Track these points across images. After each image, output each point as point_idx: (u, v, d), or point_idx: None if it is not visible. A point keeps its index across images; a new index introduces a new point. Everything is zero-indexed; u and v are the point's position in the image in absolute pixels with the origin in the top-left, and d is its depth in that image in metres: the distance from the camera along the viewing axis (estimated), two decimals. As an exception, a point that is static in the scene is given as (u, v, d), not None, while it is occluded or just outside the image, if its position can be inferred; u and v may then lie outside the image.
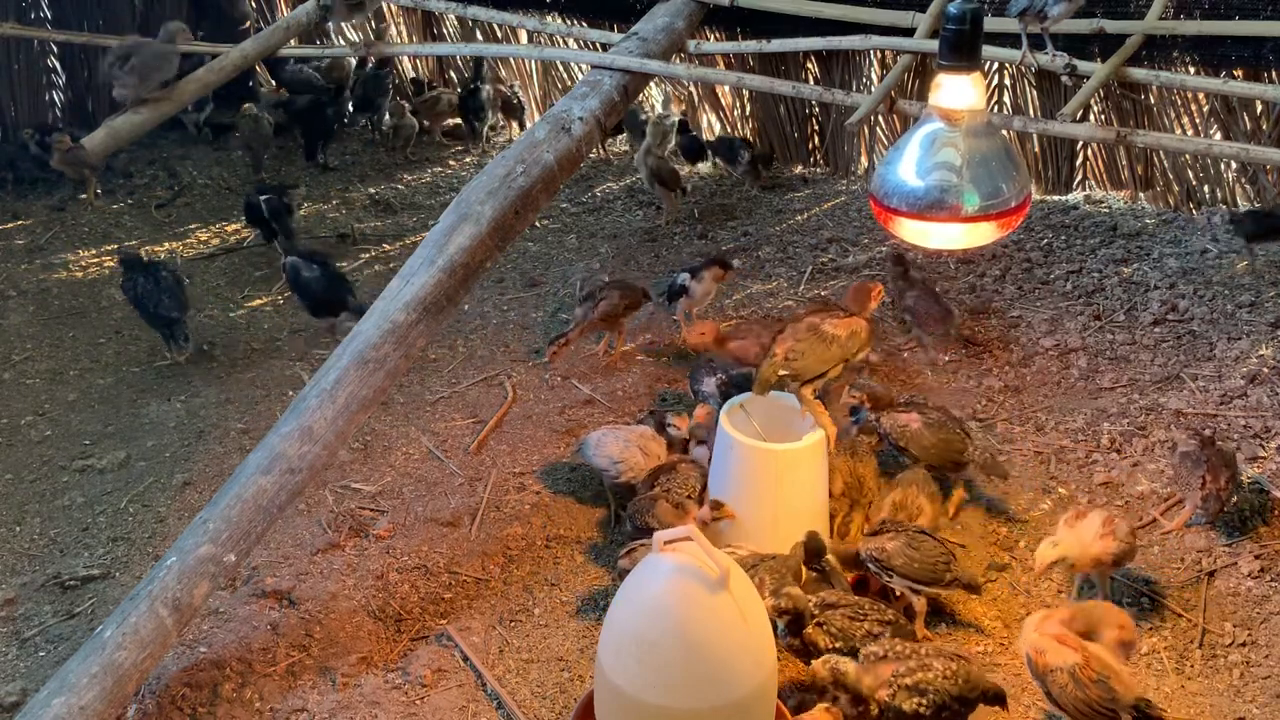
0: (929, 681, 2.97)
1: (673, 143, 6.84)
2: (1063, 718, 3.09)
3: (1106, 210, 6.24)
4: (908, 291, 5.01)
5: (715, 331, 4.54)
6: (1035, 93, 6.15)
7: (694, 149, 6.95)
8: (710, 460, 3.93)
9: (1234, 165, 5.96)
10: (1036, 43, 4.31)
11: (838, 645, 3.17)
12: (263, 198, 5.98)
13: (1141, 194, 6.29)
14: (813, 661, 3.10)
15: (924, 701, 2.95)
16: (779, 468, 3.71)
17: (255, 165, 7.07)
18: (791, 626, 3.19)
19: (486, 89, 7.41)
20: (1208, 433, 4.05)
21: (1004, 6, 4.35)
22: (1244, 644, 3.48)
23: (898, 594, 3.54)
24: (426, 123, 7.49)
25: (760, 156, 6.67)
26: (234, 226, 6.48)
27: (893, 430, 4.01)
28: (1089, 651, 3.02)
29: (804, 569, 3.50)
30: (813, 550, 3.50)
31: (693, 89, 7.21)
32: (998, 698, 3.08)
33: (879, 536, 3.54)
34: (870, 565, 3.52)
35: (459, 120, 7.62)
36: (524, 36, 7.49)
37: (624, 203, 6.76)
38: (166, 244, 6.31)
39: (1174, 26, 5.03)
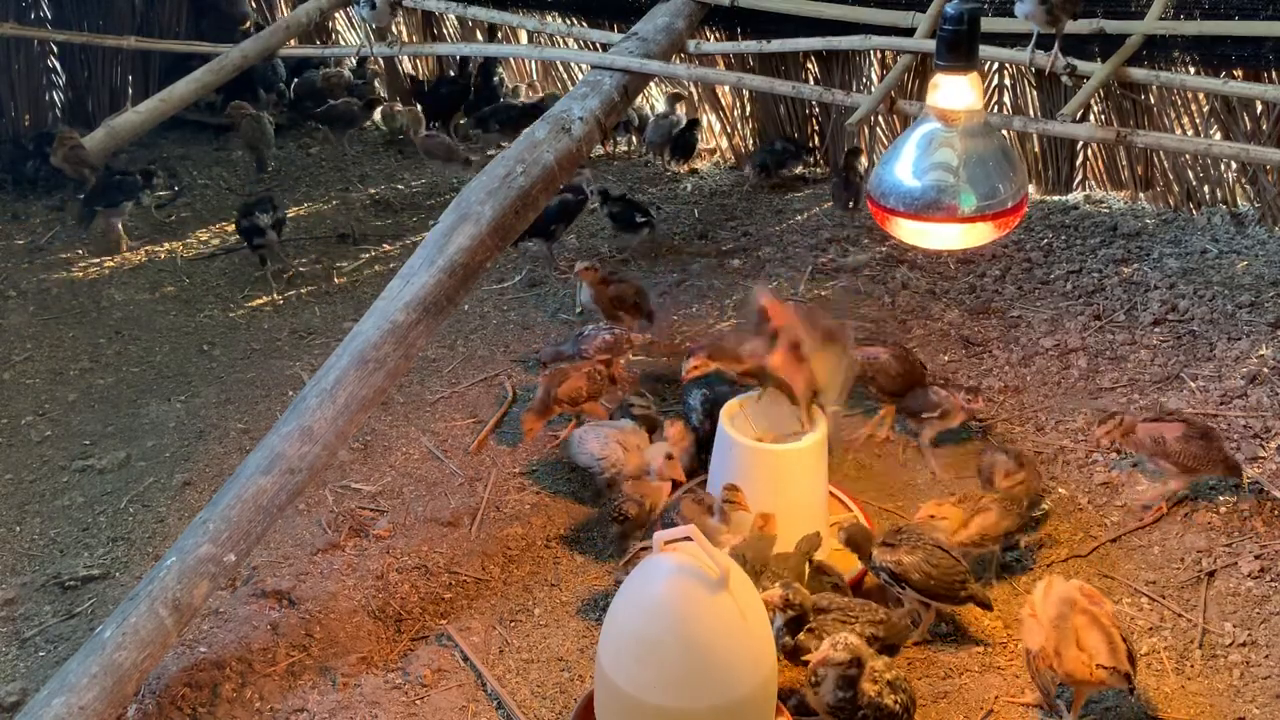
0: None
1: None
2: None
3: (1106, 210, 6.24)
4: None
5: (538, 419, 4.39)
6: (1035, 93, 6.15)
7: (686, 147, 7.00)
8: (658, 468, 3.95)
9: (1234, 165, 5.96)
10: (1044, 43, 4.31)
11: None
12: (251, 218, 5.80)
13: (1141, 194, 6.29)
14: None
15: None
16: (779, 468, 3.71)
17: (259, 164, 7.07)
18: (792, 625, 3.19)
19: (497, 80, 7.43)
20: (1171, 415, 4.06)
21: (1004, 6, 4.34)
22: (1244, 644, 3.49)
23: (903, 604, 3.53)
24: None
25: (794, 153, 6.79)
26: (234, 226, 6.47)
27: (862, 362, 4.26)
28: (1051, 640, 3.08)
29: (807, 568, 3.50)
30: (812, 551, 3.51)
31: (692, 89, 7.21)
32: None
33: (896, 549, 3.46)
34: (883, 575, 3.48)
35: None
36: (524, 36, 7.50)
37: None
38: (166, 244, 6.31)
39: (1174, 27, 5.02)
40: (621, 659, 2.77)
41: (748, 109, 7.11)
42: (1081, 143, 6.22)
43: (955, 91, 2.95)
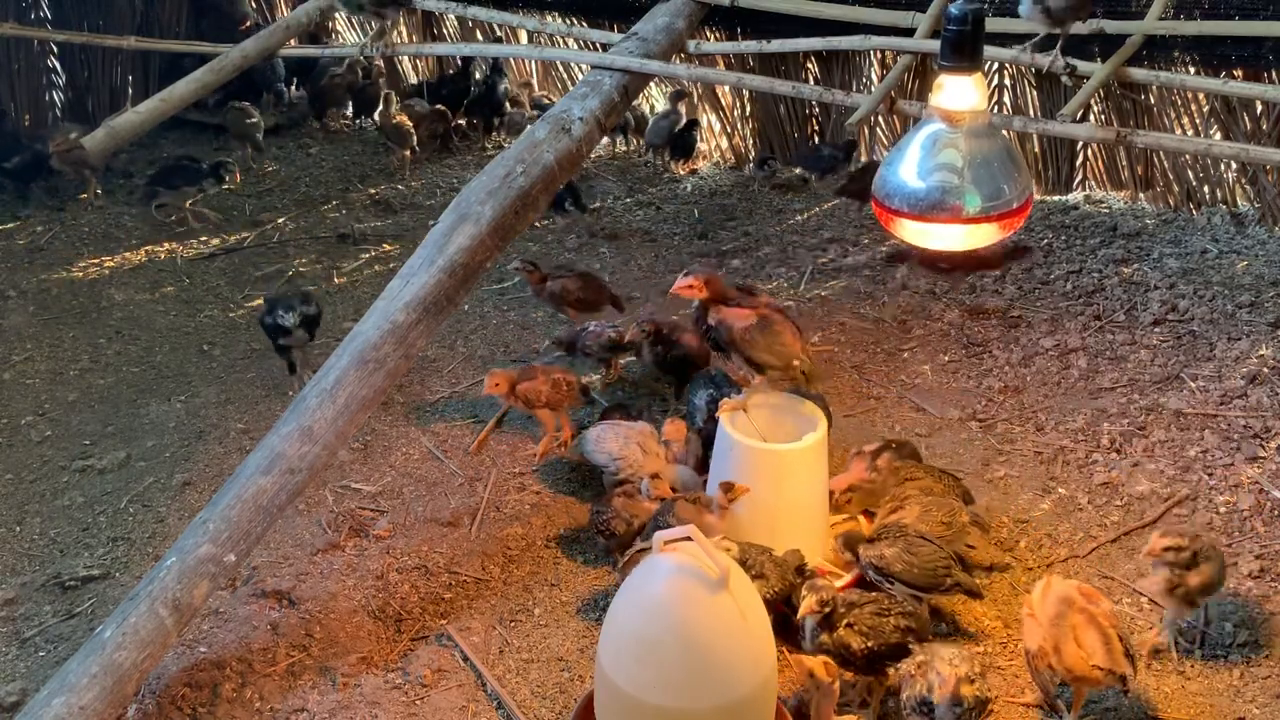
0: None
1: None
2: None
3: (1106, 210, 6.24)
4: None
5: (507, 379, 4.34)
6: (1035, 93, 6.16)
7: (686, 147, 7.00)
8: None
9: (1234, 165, 5.96)
10: (1046, 44, 4.31)
11: (870, 644, 3.15)
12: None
13: (1141, 194, 6.29)
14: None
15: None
16: (779, 468, 3.71)
17: (255, 148, 7.08)
18: (825, 624, 3.18)
19: (502, 87, 7.43)
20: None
21: (1004, 6, 4.35)
22: (1244, 644, 3.49)
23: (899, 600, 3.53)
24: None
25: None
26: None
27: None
28: (1050, 642, 3.08)
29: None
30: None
31: (693, 89, 7.21)
32: None
33: (877, 543, 3.49)
34: (870, 572, 3.49)
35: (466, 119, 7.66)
36: (524, 36, 7.50)
37: (624, 203, 6.76)
38: (166, 244, 6.30)
39: (1174, 27, 5.03)
40: (621, 659, 2.77)
41: (748, 109, 7.12)
42: (1081, 143, 6.22)
43: (959, 92, 2.95)
